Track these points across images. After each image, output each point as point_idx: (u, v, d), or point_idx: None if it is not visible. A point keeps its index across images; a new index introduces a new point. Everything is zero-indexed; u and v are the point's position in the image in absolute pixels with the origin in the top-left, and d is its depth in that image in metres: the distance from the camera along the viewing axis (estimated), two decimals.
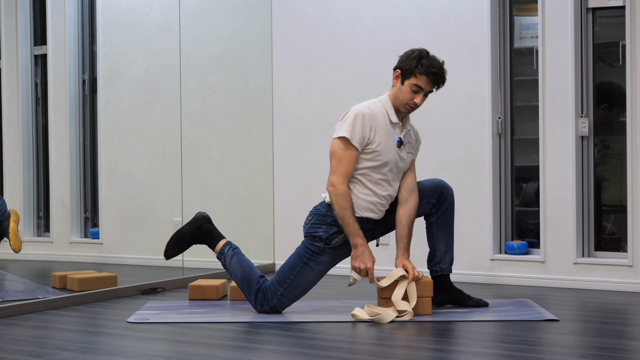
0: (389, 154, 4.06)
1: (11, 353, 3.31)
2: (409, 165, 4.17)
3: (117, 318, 4.09)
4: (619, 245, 5.06)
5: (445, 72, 4.09)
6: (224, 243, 4.23)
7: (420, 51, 4.09)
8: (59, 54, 5.28)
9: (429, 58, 4.06)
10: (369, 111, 4.05)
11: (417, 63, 4.04)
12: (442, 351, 3.35)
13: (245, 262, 4.19)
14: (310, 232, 4.09)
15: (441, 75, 4.06)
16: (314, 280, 4.12)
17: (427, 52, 4.10)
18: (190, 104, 5.64)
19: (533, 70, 5.18)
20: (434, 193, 4.17)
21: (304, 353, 3.30)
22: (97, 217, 5.52)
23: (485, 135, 5.21)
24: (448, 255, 4.20)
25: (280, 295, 4.07)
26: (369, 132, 4.02)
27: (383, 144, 4.04)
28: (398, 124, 4.10)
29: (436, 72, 4.04)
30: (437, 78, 4.05)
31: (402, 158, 4.12)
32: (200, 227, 4.25)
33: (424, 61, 4.04)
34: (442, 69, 4.07)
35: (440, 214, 4.18)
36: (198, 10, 5.87)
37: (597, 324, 3.89)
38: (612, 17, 5.09)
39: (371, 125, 4.02)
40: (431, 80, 4.05)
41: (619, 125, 5.08)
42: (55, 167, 5.27)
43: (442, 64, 4.08)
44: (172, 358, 3.26)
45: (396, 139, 4.09)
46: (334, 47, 5.65)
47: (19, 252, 4.55)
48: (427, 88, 4.05)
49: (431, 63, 4.04)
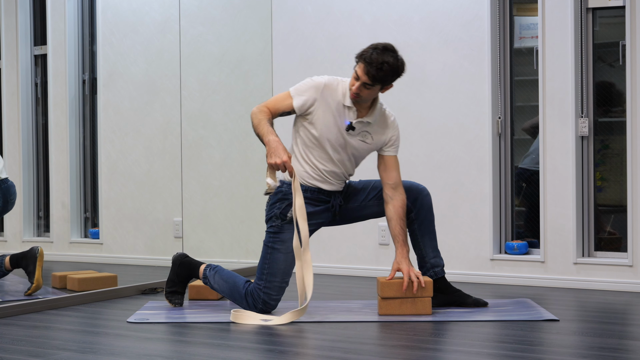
0: (328, 131, 4.06)
1: (11, 353, 3.31)
2: (363, 154, 4.16)
3: (117, 318, 4.09)
4: (619, 245, 5.07)
5: (389, 71, 3.95)
6: (204, 268, 4.30)
7: (382, 46, 4.00)
8: (59, 54, 5.28)
9: (381, 53, 3.96)
10: (327, 83, 4.08)
11: (365, 52, 3.99)
12: (442, 351, 3.35)
13: (227, 275, 4.23)
14: (267, 216, 4.13)
15: (379, 71, 3.94)
16: (286, 261, 4.08)
17: (386, 49, 3.99)
18: (190, 104, 5.64)
19: (533, 70, 5.18)
20: (409, 196, 4.19)
21: (304, 353, 3.30)
22: (97, 217, 5.52)
23: (485, 135, 5.21)
24: (438, 258, 4.22)
25: (264, 288, 4.07)
26: (311, 102, 4.05)
27: (322, 120, 4.05)
28: (352, 108, 4.07)
29: (374, 66, 3.93)
30: (374, 71, 3.95)
31: (351, 144, 4.10)
32: (182, 265, 4.34)
33: (372, 53, 3.97)
34: (384, 67, 3.93)
35: (421, 220, 4.20)
36: (198, 10, 5.87)
37: (597, 324, 3.89)
38: (612, 17, 5.09)
39: (316, 97, 4.04)
40: (366, 71, 3.97)
41: (619, 125, 5.08)
42: (55, 167, 5.27)
43: (392, 64, 3.95)
44: (172, 358, 3.26)
45: (346, 122, 4.08)
46: (334, 47, 5.65)
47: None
48: (362, 78, 3.98)
49: (377, 57, 3.95)
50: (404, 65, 4.04)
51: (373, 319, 3.99)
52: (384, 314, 4.04)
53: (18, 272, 4.70)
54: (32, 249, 4.57)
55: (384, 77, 3.97)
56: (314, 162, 4.10)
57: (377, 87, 4.01)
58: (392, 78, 4.02)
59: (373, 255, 5.50)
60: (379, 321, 3.94)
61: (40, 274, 4.53)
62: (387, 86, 4.04)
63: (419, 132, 5.37)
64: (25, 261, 4.56)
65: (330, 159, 4.10)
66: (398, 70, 4.01)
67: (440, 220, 5.31)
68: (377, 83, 3.98)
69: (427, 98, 5.36)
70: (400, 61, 4.02)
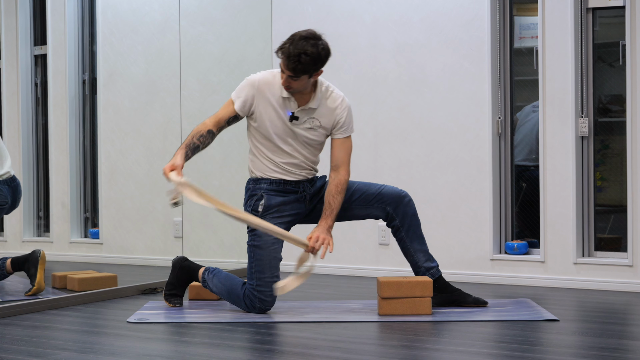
0: (273, 126, 4.06)
1: (11, 353, 3.31)
2: (318, 140, 4.13)
3: (117, 318, 4.09)
4: (618, 245, 5.07)
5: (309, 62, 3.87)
6: (202, 271, 4.31)
7: (300, 35, 3.92)
8: (59, 54, 5.28)
9: (298, 44, 3.88)
10: (262, 79, 4.06)
11: (284, 44, 3.93)
12: (442, 351, 3.35)
13: (225, 278, 4.24)
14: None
15: (298, 63, 3.87)
16: (269, 255, 4.10)
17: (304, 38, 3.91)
18: (190, 104, 5.64)
19: (533, 70, 5.18)
20: (392, 202, 4.19)
21: (304, 353, 3.30)
22: (97, 217, 5.52)
23: (485, 135, 5.21)
24: (430, 261, 4.22)
25: (257, 286, 4.08)
26: (251, 100, 4.05)
27: (265, 115, 4.05)
28: (290, 98, 4.05)
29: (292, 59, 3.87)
30: (293, 64, 3.88)
31: (300, 134, 4.09)
32: (181, 269, 4.34)
33: (290, 46, 3.89)
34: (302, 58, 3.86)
35: (407, 227, 4.20)
36: (198, 10, 5.87)
37: (597, 324, 3.89)
38: (612, 17, 5.09)
39: (254, 93, 4.04)
40: (285, 65, 3.93)
41: (619, 125, 5.08)
42: (55, 167, 5.27)
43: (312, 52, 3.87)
44: (172, 358, 3.26)
45: (288, 113, 4.07)
46: (334, 47, 5.60)
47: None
48: (286, 72, 3.95)
49: (294, 49, 3.87)
50: (327, 50, 3.95)
51: (373, 319, 3.99)
52: (384, 314, 4.04)
53: (18, 272, 4.70)
54: (34, 252, 4.56)
55: (305, 68, 3.90)
56: (270, 156, 4.11)
57: (304, 77, 3.95)
58: (315, 67, 3.93)
59: (373, 255, 5.51)
60: (379, 321, 3.94)
61: (42, 277, 4.53)
62: (316, 73, 3.97)
63: (419, 132, 5.37)
64: (27, 264, 4.56)
65: (284, 152, 4.10)
66: (320, 58, 3.92)
67: (440, 220, 5.32)
68: (300, 74, 3.92)
69: (427, 98, 5.36)
70: (322, 47, 3.93)
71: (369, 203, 4.21)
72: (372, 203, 4.20)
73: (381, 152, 5.45)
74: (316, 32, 3.98)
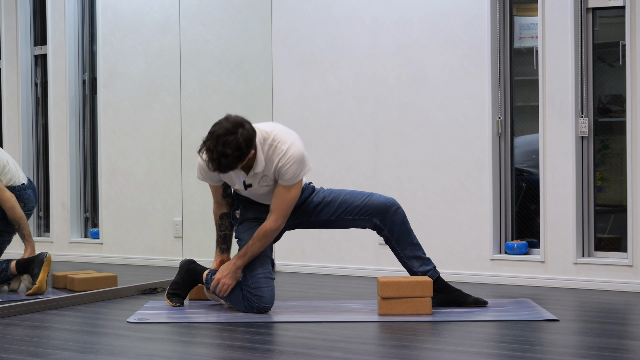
0: (234, 185, 4.15)
1: (11, 353, 3.31)
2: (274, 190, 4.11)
3: (117, 318, 4.09)
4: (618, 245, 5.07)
5: (232, 159, 3.83)
6: (205, 274, 4.33)
7: (217, 133, 3.85)
8: (59, 54, 5.28)
9: (216, 144, 3.83)
10: (203, 164, 4.05)
11: (204, 143, 3.89)
12: (442, 351, 3.35)
13: None
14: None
15: (220, 166, 3.86)
16: (259, 255, 4.16)
17: (221, 135, 3.83)
18: (190, 104, 5.64)
19: (533, 70, 5.18)
20: (378, 213, 4.21)
21: (304, 353, 3.30)
22: (97, 217, 5.52)
23: (485, 135, 5.21)
24: (425, 264, 4.22)
25: (253, 289, 4.11)
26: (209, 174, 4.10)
27: (229, 180, 4.14)
28: (239, 171, 4.04)
29: (214, 162, 3.85)
30: (216, 166, 3.87)
31: (257, 192, 4.15)
32: (188, 271, 4.36)
33: (210, 146, 3.85)
34: (222, 160, 3.83)
35: (397, 236, 4.22)
36: (198, 10, 5.87)
37: (597, 324, 3.89)
38: (612, 17, 5.09)
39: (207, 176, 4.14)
40: (209, 166, 3.91)
41: (619, 125, 5.08)
42: (55, 167, 5.28)
43: (232, 152, 3.82)
44: (172, 358, 3.26)
45: (240, 180, 4.09)
46: (334, 47, 5.65)
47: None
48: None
49: (214, 150, 3.83)
50: (248, 138, 3.85)
51: (373, 319, 3.99)
52: (384, 314, 4.04)
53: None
54: (40, 254, 4.57)
55: (230, 165, 3.86)
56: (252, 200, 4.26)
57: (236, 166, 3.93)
58: (241, 159, 3.87)
59: (373, 255, 5.51)
60: (379, 321, 3.94)
61: (44, 278, 4.53)
62: (247, 158, 3.91)
63: (419, 132, 5.37)
64: (32, 265, 4.56)
65: (255, 201, 4.24)
66: (242, 151, 3.84)
67: (440, 220, 5.32)
68: (228, 170, 3.91)
69: (427, 98, 5.36)
70: (242, 140, 3.82)
71: (355, 215, 4.24)
72: (358, 215, 4.23)
73: (381, 152, 5.45)
74: (237, 119, 3.89)
